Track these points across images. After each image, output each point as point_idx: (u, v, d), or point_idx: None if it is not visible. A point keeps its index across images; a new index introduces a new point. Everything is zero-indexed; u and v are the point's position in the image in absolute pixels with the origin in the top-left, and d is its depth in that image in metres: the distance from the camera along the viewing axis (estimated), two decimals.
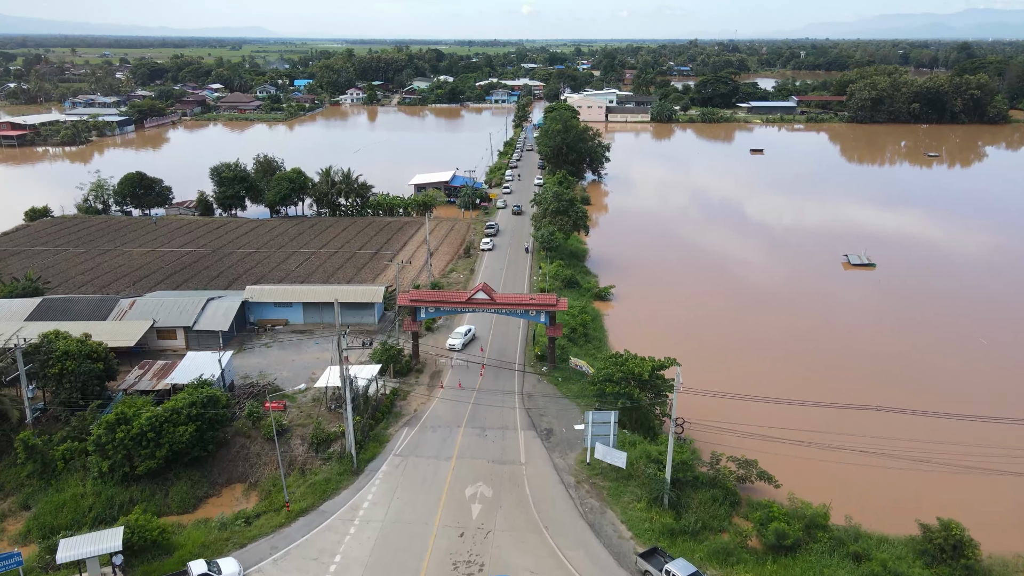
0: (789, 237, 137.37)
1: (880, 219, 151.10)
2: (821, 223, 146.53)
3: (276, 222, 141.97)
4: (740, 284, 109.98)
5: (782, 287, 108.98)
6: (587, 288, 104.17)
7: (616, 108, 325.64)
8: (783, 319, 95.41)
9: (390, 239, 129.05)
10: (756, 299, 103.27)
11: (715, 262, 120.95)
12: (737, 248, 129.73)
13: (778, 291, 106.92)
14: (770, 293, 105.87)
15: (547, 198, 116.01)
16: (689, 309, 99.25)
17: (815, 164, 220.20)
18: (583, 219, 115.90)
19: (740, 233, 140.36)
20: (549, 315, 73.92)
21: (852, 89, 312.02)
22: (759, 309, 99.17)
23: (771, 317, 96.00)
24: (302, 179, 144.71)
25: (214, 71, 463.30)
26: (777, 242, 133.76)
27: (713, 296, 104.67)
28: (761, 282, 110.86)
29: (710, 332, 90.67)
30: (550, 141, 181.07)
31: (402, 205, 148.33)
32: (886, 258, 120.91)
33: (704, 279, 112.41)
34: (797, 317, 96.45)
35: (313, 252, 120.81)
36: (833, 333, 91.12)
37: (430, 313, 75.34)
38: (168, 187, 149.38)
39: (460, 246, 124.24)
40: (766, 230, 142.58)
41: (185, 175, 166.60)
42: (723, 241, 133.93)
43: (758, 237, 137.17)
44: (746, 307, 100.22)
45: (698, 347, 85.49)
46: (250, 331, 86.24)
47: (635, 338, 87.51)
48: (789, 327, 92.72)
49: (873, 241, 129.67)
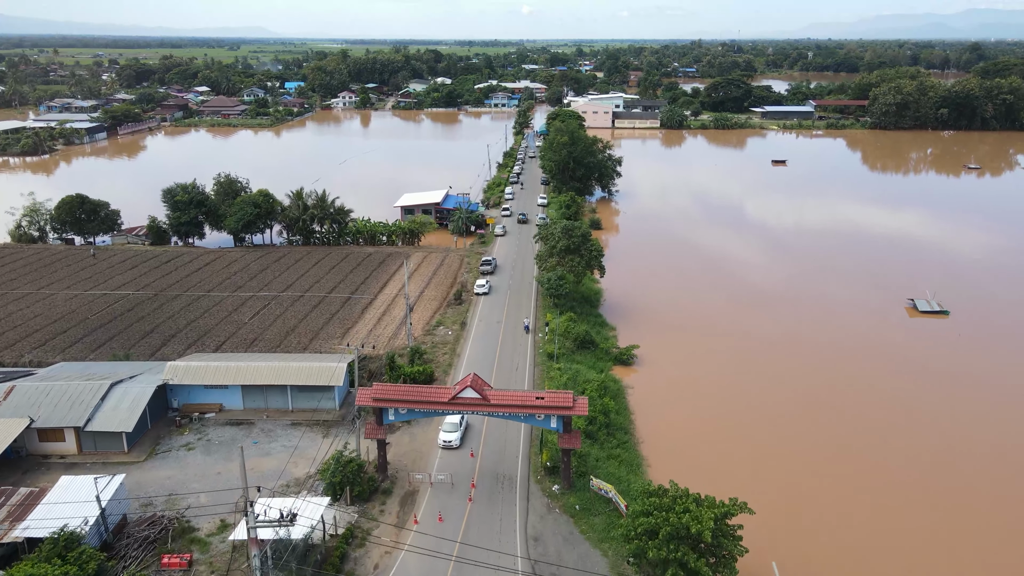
0: (838, 272, 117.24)
1: (944, 251, 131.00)
2: (872, 257, 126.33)
3: (238, 253, 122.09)
4: (788, 334, 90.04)
5: (839, 339, 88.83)
6: (605, 349, 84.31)
7: (623, 113, 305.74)
8: (852, 387, 75.54)
9: (369, 277, 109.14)
10: (813, 357, 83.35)
11: (754, 304, 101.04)
12: (776, 285, 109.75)
13: (836, 347, 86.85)
14: (826, 349, 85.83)
15: (555, 234, 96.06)
16: (733, 375, 79.42)
17: (848, 179, 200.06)
18: (598, 257, 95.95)
19: (777, 266, 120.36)
20: (563, 420, 54.09)
21: (875, 93, 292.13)
22: (820, 372, 79.26)
23: (836, 385, 76.11)
24: (269, 203, 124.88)
25: (200, 73, 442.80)
26: (825, 278, 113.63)
27: (759, 354, 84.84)
28: (813, 334, 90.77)
29: (765, 412, 70.87)
30: (555, 155, 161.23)
31: (386, 232, 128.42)
32: (961, 303, 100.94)
33: (744, 328, 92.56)
34: (871, 388, 76.52)
35: (274, 296, 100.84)
36: (923, 421, 71.22)
37: (401, 415, 55.46)
38: (116, 211, 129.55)
39: (450, 288, 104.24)
40: (808, 263, 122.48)
41: (147, 193, 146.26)
42: (759, 277, 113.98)
43: (799, 272, 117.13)
44: (803, 370, 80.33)
45: (756, 441, 65.79)
46: (172, 420, 66.37)
47: (672, 430, 67.87)
48: (865, 403, 72.87)
49: (942, 280, 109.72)
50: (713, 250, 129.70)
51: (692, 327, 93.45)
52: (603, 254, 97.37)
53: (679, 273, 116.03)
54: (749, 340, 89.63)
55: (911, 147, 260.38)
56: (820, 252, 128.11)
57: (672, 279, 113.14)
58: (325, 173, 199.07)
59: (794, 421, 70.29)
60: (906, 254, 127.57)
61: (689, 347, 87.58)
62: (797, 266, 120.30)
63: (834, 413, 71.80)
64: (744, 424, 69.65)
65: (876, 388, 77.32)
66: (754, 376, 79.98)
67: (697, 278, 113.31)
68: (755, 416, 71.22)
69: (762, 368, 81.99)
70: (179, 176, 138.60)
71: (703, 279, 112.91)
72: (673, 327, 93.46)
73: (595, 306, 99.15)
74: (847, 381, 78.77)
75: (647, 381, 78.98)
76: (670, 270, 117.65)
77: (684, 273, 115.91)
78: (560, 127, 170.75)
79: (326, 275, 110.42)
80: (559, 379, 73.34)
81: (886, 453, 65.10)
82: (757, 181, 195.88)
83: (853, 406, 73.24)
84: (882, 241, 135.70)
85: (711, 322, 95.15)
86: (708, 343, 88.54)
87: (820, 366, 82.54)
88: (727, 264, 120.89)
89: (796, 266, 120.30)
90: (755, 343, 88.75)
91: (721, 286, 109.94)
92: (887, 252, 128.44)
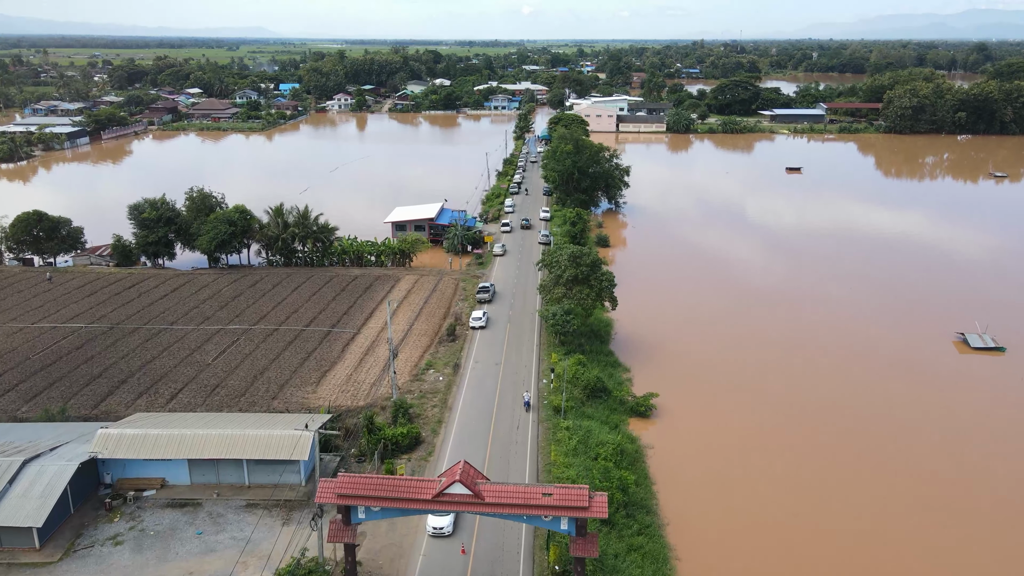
0: (876, 299, 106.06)
1: (988, 274, 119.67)
2: (909, 281, 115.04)
3: (211, 276, 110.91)
4: (827, 376, 78.84)
5: (887, 385, 77.70)
6: (619, 398, 73.17)
7: (627, 117, 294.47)
8: (912, 447, 64.41)
9: (353, 305, 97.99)
10: (858, 407, 72.17)
11: (783, 336, 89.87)
12: (807, 316, 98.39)
13: (885, 396, 75.72)
14: (875, 397, 74.69)
15: (560, 261, 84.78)
16: (768, 428, 68.34)
17: (869, 189, 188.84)
18: (609, 289, 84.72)
19: (804, 292, 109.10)
20: (577, 523, 42.95)
21: (890, 96, 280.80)
22: (871, 428, 68.11)
23: (893, 443, 65.01)
24: (246, 220, 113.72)
25: (193, 74, 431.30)
26: (863, 307, 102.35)
27: (795, 399, 73.73)
28: (856, 380, 79.60)
29: (809, 478, 59.71)
30: (559, 165, 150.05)
31: (374, 252, 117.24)
32: (1019, 338, 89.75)
33: (776, 365, 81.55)
34: (935, 451, 65.39)
35: (245, 330, 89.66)
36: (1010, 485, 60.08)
37: (373, 514, 44.29)
38: (79, 228, 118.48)
39: (443, 319, 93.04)
40: (840, 288, 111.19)
41: (120, 206, 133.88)
42: (785, 305, 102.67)
43: (832, 300, 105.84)
44: (850, 422, 69.10)
45: (800, 518, 54.69)
46: (102, 500, 55.16)
47: (702, 504, 56.82)
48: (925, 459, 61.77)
49: (991, 310, 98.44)
50: (732, 269, 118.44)
51: (716, 365, 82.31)
52: (615, 284, 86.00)
53: (697, 297, 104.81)
54: (782, 381, 78.52)
55: (929, 152, 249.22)
56: (853, 276, 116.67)
57: (689, 305, 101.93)
58: (315, 182, 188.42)
59: (844, 489, 59.15)
60: (946, 278, 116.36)
61: (714, 391, 76.47)
62: (828, 293, 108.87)
63: (895, 477, 60.62)
64: (787, 498, 58.50)
65: (942, 451, 66.15)
66: (793, 428, 68.85)
67: (717, 303, 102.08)
68: (798, 485, 60.08)
69: (800, 417, 70.86)
70: (160, 185, 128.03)
71: (724, 304, 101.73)
72: (695, 365, 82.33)
73: (605, 341, 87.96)
74: (906, 440, 67.56)
75: (669, 439, 67.82)
76: (687, 294, 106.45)
77: (702, 298, 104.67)
78: (564, 134, 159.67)
79: (305, 303, 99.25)
80: (567, 442, 62.29)
81: (974, 543, 53.96)
82: (773, 191, 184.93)
83: (918, 469, 62.09)
84: (918, 262, 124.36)
85: (737, 358, 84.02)
86: (736, 385, 77.49)
87: (870, 421, 71.31)
88: (748, 286, 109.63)
89: (827, 293, 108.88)
90: (788, 385, 77.64)
91: (744, 312, 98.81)
92: (925, 275, 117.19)
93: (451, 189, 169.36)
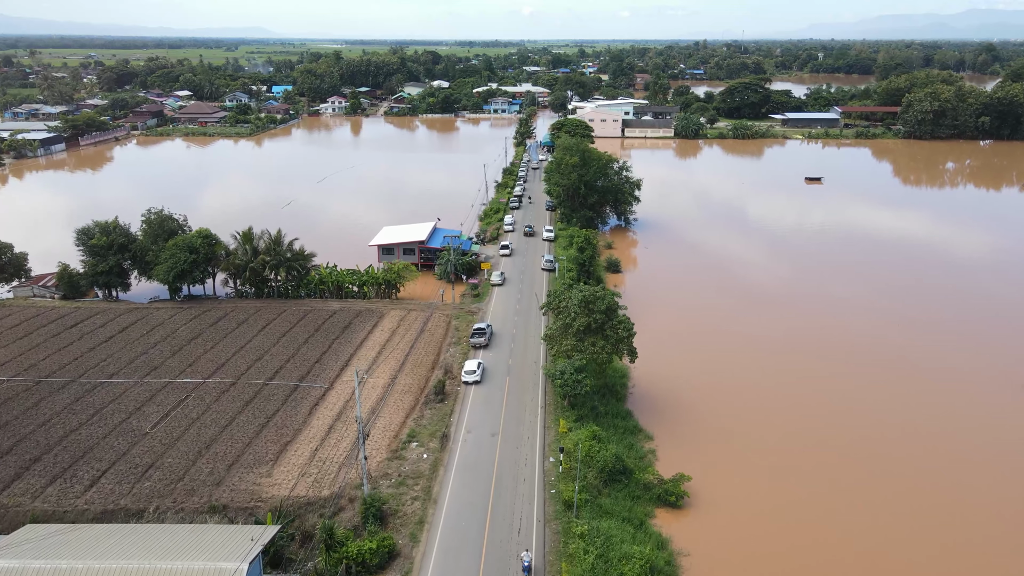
0: (940, 337, 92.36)
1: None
2: (968, 316, 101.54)
3: (169, 310, 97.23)
4: (898, 438, 65.18)
5: (967, 462, 64.16)
6: (643, 482, 59.45)
7: (633, 122, 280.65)
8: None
9: (328, 350, 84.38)
10: (944, 481, 58.61)
11: (837, 386, 76.21)
12: (855, 354, 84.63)
13: (966, 476, 62.16)
14: (961, 474, 61.10)
15: (570, 308, 70.95)
16: (831, 512, 54.68)
17: (897, 202, 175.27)
18: (628, 340, 70.90)
19: (843, 320, 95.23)
20: None
21: (909, 100, 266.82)
22: (964, 509, 54.56)
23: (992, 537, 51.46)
24: (210, 246, 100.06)
25: (182, 76, 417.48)
26: (926, 346, 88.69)
27: (859, 469, 60.12)
28: (931, 441, 65.98)
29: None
30: (564, 179, 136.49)
31: (356, 282, 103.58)
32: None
33: (828, 422, 67.89)
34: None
35: (197, 385, 76.03)
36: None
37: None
38: (22, 255, 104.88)
39: (431, 369, 79.36)
40: (890, 324, 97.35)
41: (80, 225, 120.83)
42: (838, 345, 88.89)
43: (895, 341, 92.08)
44: (938, 499, 55.54)
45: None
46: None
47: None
48: None
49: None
50: (762, 297, 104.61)
51: (760, 428, 68.62)
52: (634, 333, 72.19)
53: (728, 336, 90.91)
54: (840, 445, 64.88)
55: (952, 159, 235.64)
56: (919, 314, 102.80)
57: (720, 345, 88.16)
58: (300, 192, 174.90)
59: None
60: (1013, 313, 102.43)
61: (760, 467, 62.83)
62: (890, 336, 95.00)
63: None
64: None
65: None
66: (868, 522, 55.18)
67: (752, 343, 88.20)
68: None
69: (877, 504, 57.18)
70: (134, 198, 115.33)
71: (761, 345, 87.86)
72: (733, 430, 68.63)
73: (621, 398, 74.30)
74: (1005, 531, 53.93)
75: (709, 541, 54.14)
76: (714, 331, 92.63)
77: (734, 336, 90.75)
78: (569, 144, 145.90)
79: (273, 346, 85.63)
80: (583, 559, 48.66)
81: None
82: (794, 203, 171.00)
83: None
84: (973, 291, 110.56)
85: (790, 418, 70.33)
86: (790, 458, 63.81)
87: (959, 498, 57.68)
88: (784, 320, 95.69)
89: (889, 336, 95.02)
90: (849, 450, 63.98)
91: (786, 355, 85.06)
92: (985, 309, 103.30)
93: (446, 203, 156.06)
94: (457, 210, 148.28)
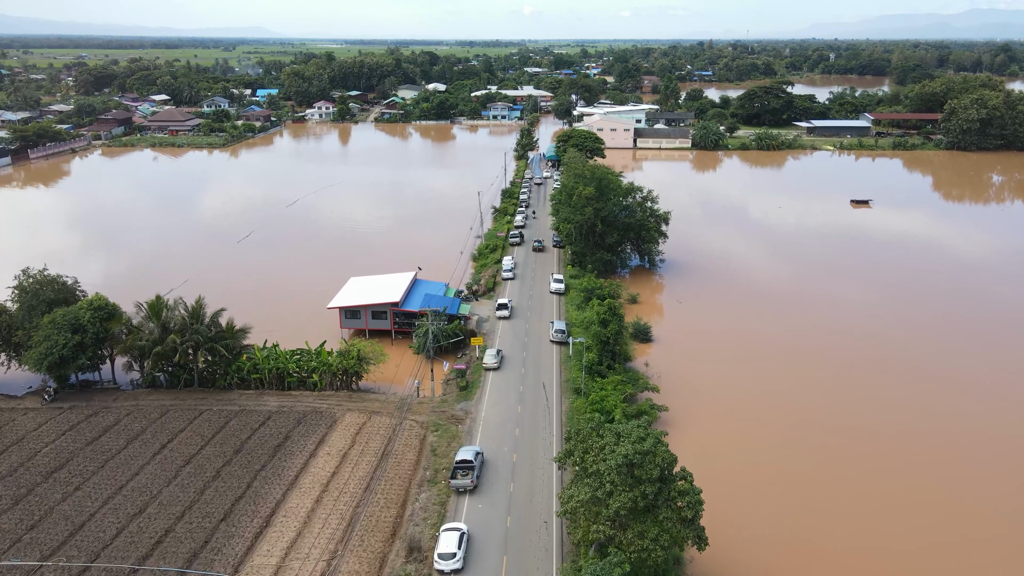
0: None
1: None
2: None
3: (42, 415, 71.19)
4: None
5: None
6: None
7: (646, 131, 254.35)
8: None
9: (247, 491, 58.36)
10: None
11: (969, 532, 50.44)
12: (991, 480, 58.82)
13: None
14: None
15: (606, 472, 44.64)
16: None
17: (970, 227, 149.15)
18: (695, 519, 44.71)
19: (981, 432, 69.27)
20: None
21: (953, 106, 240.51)
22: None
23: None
24: (103, 321, 74.02)
25: (159, 79, 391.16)
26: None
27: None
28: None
29: None
30: (576, 214, 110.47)
31: (306, 369, 77.37)
32: None
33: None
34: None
35: (35, 569, 50.00)
36: None
37: None
38: None
39: (389, 541, 53.29)
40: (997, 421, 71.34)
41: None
42: (928, 451, 62.90)
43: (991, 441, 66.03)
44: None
45: None
46: None
47: None
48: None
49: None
50: (843, 375, 78.40)
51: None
52: (702, 507, 45.91)
53: (801, 441, 64.80)
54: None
55: (1009, 173, 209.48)
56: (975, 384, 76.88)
57: (793, 457, 62.03)
58: (262, 223, 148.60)
59: None
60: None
61: None
62: (984, 432, 69.01)
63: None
64: None
65: None
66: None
67: (844, 464, 62.16)
68: None
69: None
70: (61, 235, 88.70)
71: (857, 465, 61.81)
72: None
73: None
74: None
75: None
76: (781, 436, 66.52)
77: (806, 436, 64.66)
78: (579, 167, 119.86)
79: (176, 476, 59.82)
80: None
81: None
82: (845, 236, 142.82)
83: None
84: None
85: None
86: None
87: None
88: (868, 413, 69.55)
89: (983, 432, 69.01)
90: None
91: (915, 491, 58.93)
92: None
93: (433, 238, 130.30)
94: (445, 249, 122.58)
